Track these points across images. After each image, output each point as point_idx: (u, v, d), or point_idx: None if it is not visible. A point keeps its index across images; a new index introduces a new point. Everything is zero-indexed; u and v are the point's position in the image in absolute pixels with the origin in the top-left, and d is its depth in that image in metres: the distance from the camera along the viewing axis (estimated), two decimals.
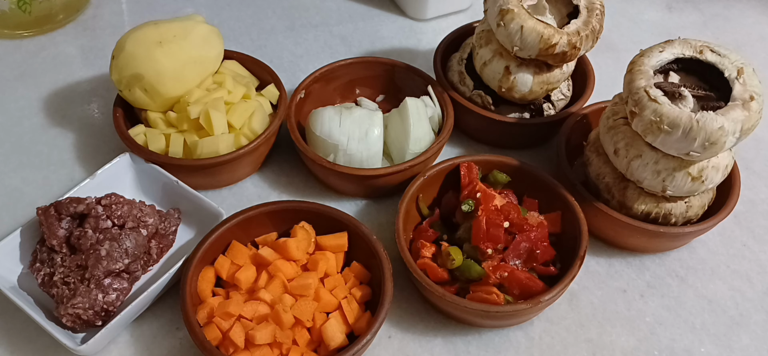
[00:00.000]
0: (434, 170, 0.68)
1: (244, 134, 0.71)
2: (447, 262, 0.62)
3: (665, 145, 0.61)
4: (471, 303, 0.59)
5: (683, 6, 1.03)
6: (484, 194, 0.64)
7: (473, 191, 0.65)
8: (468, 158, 0.69)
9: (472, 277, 0.61)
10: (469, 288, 0.61)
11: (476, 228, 0.61)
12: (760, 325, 0.66)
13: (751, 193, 0.77)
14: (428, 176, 0.68)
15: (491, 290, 0.60)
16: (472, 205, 0.64)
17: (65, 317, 0.57)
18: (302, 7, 0.97)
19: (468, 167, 0.67)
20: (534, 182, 0.68)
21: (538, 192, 0.68)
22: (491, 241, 0.61)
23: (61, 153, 0.75)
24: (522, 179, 0.69)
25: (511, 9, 0.69)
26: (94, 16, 0.93)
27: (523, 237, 0.62)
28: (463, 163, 0.68)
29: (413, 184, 0.67)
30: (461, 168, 0.68)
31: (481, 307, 0.59)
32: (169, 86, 0.70)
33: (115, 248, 0.60)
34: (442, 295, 0.59)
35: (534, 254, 0.62)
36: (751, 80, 0.61)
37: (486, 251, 0.61)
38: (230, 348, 0.57)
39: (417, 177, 0.67)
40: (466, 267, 0.61)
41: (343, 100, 0.81)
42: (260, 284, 0.61)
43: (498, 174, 0.68)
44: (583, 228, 0.64)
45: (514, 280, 0.60)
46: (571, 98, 0.79)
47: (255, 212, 0.64)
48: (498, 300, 0.59)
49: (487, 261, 0.61)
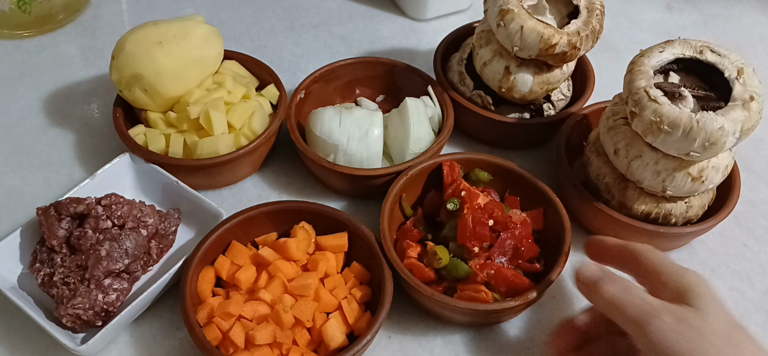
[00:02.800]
0: (417, 169, 0.68)
1: (244, 134, 0.71)
2: (433, 261, 0.61)
3: (665, 145, 0.61)
4: (461, 301, 0.59)
5: (683, 6, 1.03)
6: (468, 193, 0.64)
7: (457, 189, 0.65)
8: (449, 156, 0.69)
9: (459, 276, 0.61)
10: (455, 287, 0.61)
11: (462, 227, 0.61)
12: (760, 325, 0.66)
13: (751, 193, 0.77)
14: (411, 176, 0.67)
15: (479, 288, 0.60)
16: (457, 203, 0.64)
17: (65, 317, 0.57)
18: (302, 7, 0.97)
19: (450, 165, 0.68)
20: (515, 179, 0.68)
21: (519, 190, 0.68)
22: (477, 239, 0.61)
23: (61, 153, 0.75)
24: (503, 177, 0.69)
25: (511, 9, 0.69)
26: (94, 16, 0.93)
27: (508, 235, 0.62)
28: (446, 161, 0.68)
29: (396, 184, 0.67)
30: (443, 166, 0.68)
31: (472, 306, 0.59)
32: (169, 86, 0.70)
33: (115, 249, 0.60)
34: (431, 295, 0.59)
35: (519, 251, 0.62)
36: (751, 80, 0.61)
37: (472, 249, 0.61)
38: (230, 348, 0.57)
39: (399, 177, 0.67)
40: (453, 266, 0.61)
41: (343, 100, 0.81)
42: (260, 284, 0.61)
43: (480, 172, 0.68)
44: (566, 224, 0.64)
45: (501, 277, 0.60)
46: (571, 98, 0.79)
47: (255, 212, 0.64)
48: (487, 298, 0.60)
49: (473, 260, 0.61)
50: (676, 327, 0.49)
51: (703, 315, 0.49)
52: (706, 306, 0.50)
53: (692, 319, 0.49)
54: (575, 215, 0.70)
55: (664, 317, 0.49)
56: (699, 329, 0.48)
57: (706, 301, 0.50)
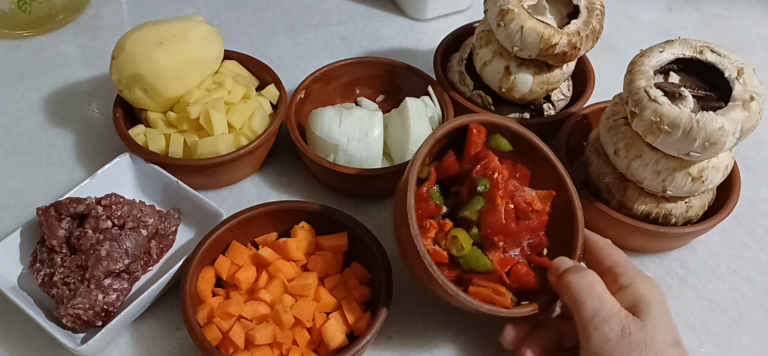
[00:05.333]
0: (442, 131, 0.59)
1: (244, 134, 0.71)
2: (452, 246, 0.57)
3: (665, 145, 0.61)
4: (484, 305, 0.55)
5: (683, 6, 1.03)
6: (502, 177, 0.57)
7: (488, 167, 0.58)
8: (477, 117, 0.61)
9: (478, 269, 0.57)
10: (469, 277, 0.57)
11: (493, 218, 0.57)
12: (760, 325, 0.66)
13: (751, 193, 0.77)
14: (437, 137, 0.59)
15: (501, 290, 0.57)
16: (487, 185, 0.58)
17: (65, 317, 0.57)
18: (302, 7, 0.97)
19: (478, 129, 0.60)
20: (534, 155, 0.62)
21: (532, 163, 0.63)
22: (508, 236, 0.57)
23: (61, 153, 0.75)
24: (519, 145, 0.62)
25: (511, 9, 0.69)
26: (94, 16, 0.93)
27: (525, 226, 0.58)
28: (473, 124, 0.60)
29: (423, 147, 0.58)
30: (471, 129, 0.60)
31: (494, 311, 0.55)
32: (169, 86, 0.70)
33: (115, 249, 0.60)
34: (455, 295, 0.54)
35: (532, 244, 0.60)
36: (751, 80, 0.61)
37: (497, 243, 0.57)
38: (230, 349, 0.57)
39: (426, 141, 0.59)
40: (473, 257, 0.57)
41: (343, 100, 0.81)
42: (260, 284, 0.61)
43: (501, 140, 0.62)
44: (578, 221, 0.60)
45: (515, 274, 0.58)
46: (571, 98, 0.79)
47: (255, 212, 0.64)
48: (507, 303, 0.56)
49: (492, 252, 0.57)
50: (618, 340, 0.52)
51: (648, 332, 0.52)
52: (653, 322, 0.52)
53: (637, 334, 0.52)
54: None
55: (613, 326, 0.52)
56: (641, 346, 0.51)
57: (655, 316, 0.53)
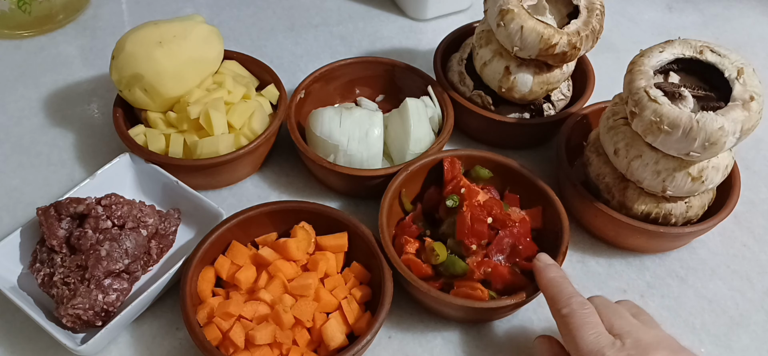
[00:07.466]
0: (417, 165, 0.68)
1: (244, 134, 0.71)
2: (431, 257, 0.62)
3: (665, 145, 0.61)
4: (456, 298, 0.59)
5: (683, 6, 1.03)
6: (468, 190, 0.64)
7: (457, 186, 0.65)
8: (451, 152, 0.69)
9: (456, 273, 0.61)
10: (453, 284, 0.61)
11: (461, 223, 0.61)
12: (760, 325, 0.66)
13: (751, 193, 0.77)
14: (411, 171, 0.68)
15: (476, 286, 0.60)
16: (456, 200, 0.64)
17: (65, 317, 0.57)
18: (302, 7, 0.97)
19: (451, 161, 0.68)
20: (515, 177, 0.68)
21: (519, 188, 0.68)
22: (476, 236, 0.61)
23: (61, 153, 0.75)
24: (503, 174, 0.69)
25: (511, 9, 0.69)
26: (94, 16, 0.93)
27: (506, 233, 0.62)
28: (446, 158, 0.68)
29: (396, 179, 0.67)
30: (444, 163, 0.68)
31: (467, 303, 0.59)
32: (169, 86, 0.70)
33: (115, 249, 0.60)
34: (427, 291, 0.59)
35: (517, 249, 0.62)
36: (751, 80, 0.61)
37: (470, 246, 0.61)
38: (230, 349, 0.57)
39: (399, 173, 0.67)
40: (450, 262, 0.61)
41: (343, 100, 0.81)
42: (260, 284, 0.61)
43: (480, 170, 0.69)
44: (564, 223, 0.64)
45: (498, 275, 0.61)
46: (571, 98, 0.79)
47: (255, 212, 0.64)
48: (483, 296, 0.60)
49: (471, 257, 0.61)
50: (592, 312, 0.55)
51: None
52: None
53: None
54: (575, 215, 0.70)
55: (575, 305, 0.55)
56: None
57: None
